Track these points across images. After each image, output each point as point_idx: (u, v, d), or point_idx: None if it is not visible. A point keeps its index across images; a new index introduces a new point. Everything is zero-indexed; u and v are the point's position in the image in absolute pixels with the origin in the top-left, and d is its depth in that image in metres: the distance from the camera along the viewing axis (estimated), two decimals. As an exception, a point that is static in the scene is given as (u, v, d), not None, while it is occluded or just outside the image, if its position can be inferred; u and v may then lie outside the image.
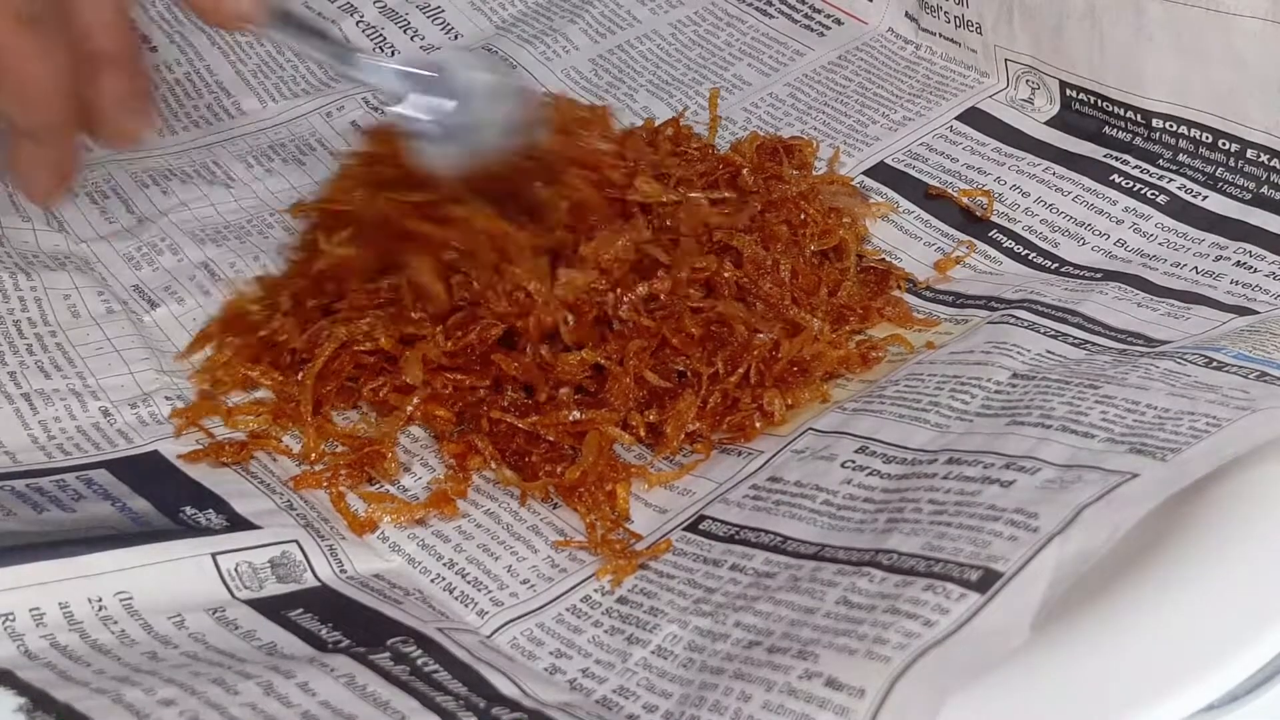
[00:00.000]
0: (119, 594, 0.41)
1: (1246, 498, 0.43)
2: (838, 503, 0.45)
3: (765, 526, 0.45)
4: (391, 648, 0.40)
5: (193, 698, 0.36)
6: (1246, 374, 0.45)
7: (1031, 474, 0.41)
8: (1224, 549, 0.41)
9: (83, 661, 0.38)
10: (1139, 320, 0.52)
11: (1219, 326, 0.51)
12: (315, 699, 0.37)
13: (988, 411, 0.46)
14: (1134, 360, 0.47)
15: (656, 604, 0.43)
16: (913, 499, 0.43)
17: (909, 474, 0.45)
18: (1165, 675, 0.38)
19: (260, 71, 0.71)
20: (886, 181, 0.63)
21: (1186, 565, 0.41)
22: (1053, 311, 0.53)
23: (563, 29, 0.73)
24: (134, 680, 0.36)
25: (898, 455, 0.46)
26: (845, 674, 0.37)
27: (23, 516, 0.43)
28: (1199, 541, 0.42)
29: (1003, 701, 0.38)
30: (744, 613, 0.41)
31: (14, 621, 0.39)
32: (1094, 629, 0.40)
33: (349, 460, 0.49)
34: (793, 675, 0.37)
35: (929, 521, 0.41)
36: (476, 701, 0.38)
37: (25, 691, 0.35)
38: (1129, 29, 0.60)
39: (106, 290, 0.56)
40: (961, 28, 0.68)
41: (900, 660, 0.36)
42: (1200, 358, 0.47)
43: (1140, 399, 0.44)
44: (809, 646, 0.38)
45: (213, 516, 0.45)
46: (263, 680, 0.37)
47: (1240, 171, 0.59)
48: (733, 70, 0.70)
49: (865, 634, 0.38)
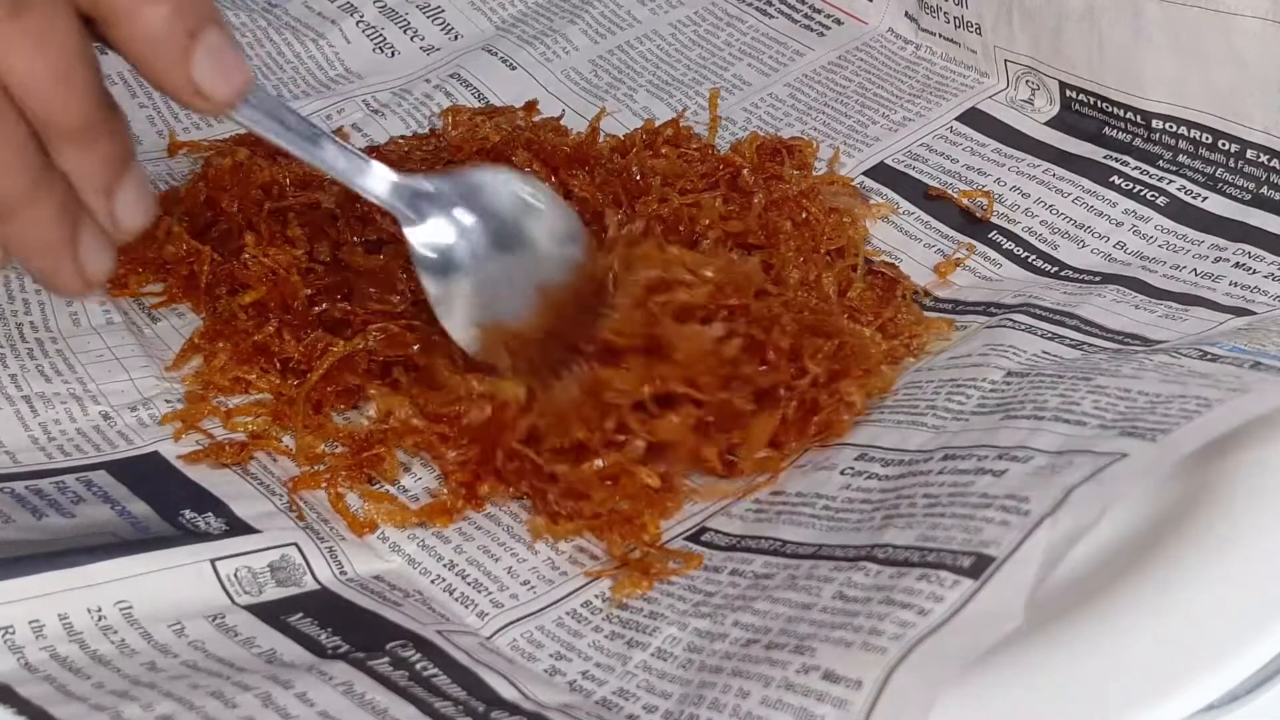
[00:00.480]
0: (119, 603, 0.41)
1: (1246, 497, 0.43)
2: (836, 506, 0.45)
3: (765, 534, 0.45)
4: (390, 652, 0.40)
5: (190, 713, 0.36)
6: (1241, 363, 0.45)
7: (1024, 462, 0.41)
8: (1224, 549, 0.41)
9: (83, 674, 0.38)
10: (1136, 322, 0.52)
11: (1216, 327, 0.51)
12: (314, 709, 0.37)
13: (983, 410, 0.47)
14: (1129, 355, 0.48)
15: (656, 609, 0.44)
16: (908, 495, 0.43)
17: (905, 473, 0.45)
18: (1165, 675, 0.38)
19: (262, 72, 0.71)
20: (886, 182, 0.63)
21: (1186, 565, 0.41)
22: (1050, 315, 0.53)
23: (562, 29, 0.73)
24: (133, 695, 0.36)
25: (895, 458, 0.46)
26: (842, 666, 0.37)
27: (21, 523, 0.43)
28: (1199, 542, 0.42)
29: (1003, 701, 0.38)
30: (742, 612, 0.41)
31: (14, 635, 0.39)
32: (1094, 629, 0.40)
33: (348, 462, 0.49)
34: (790, 670, 0.38)
35: (923, 514, 0.41)
36: (475, 705, 0.38)
37: (24, 709, 0.35)
38: (1127, 30, 0.60)
39: (108, 299, 0.56)
40: (961, 28, 0.68)
41: (896, 651, 0.36)
42: (1195, 351, 0.47)
43: (1132, 387, 0.44)
44: (806, 641, 0.38)
45: (212, 520, 0.45)
46: (261, 692, 0.37)
47: (1240, 172, 0.58)
48: (732, 70, 0.70)
49: (861, 626, 0.38)
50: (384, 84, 0.70)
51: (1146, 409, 0.42)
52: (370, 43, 0.73)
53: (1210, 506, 0.43)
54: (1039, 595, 0.37)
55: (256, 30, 0.73)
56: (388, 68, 0.72)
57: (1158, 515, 0.44)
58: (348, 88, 0.70)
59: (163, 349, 0.55)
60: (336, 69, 0.72)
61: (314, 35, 0.73)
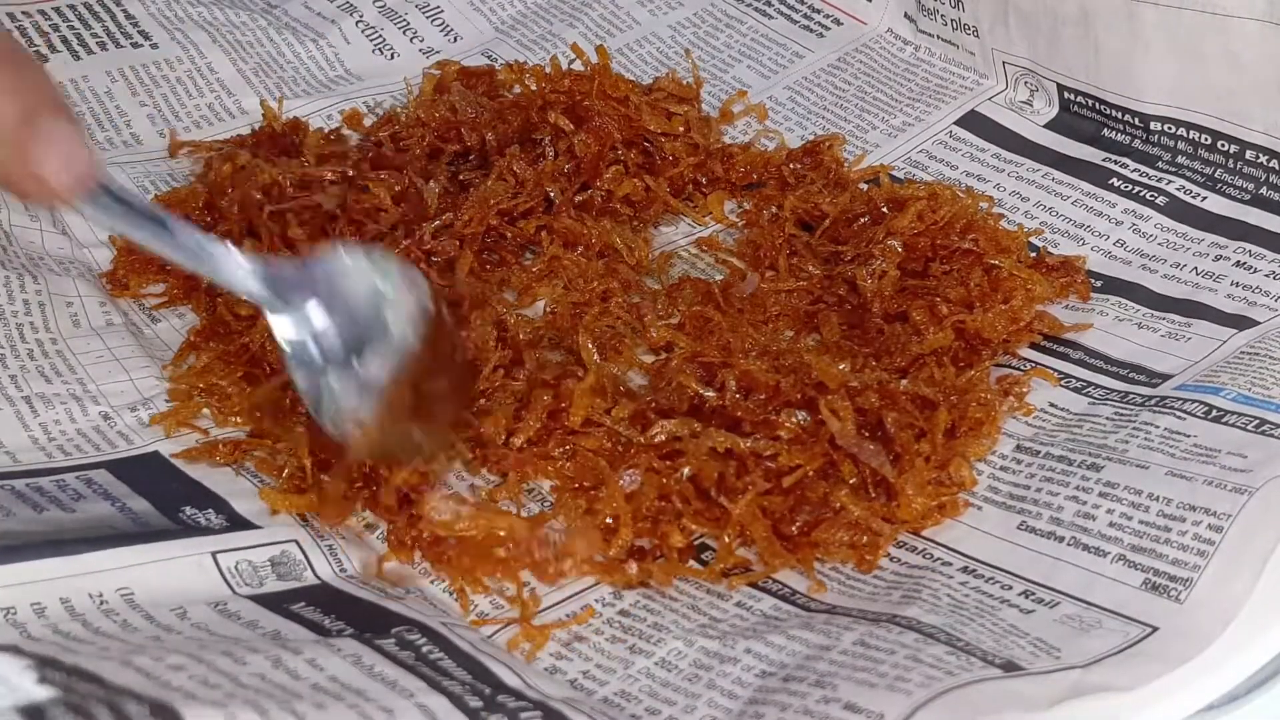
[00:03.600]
0: (120, 590, 0.41)
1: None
2: (848, 572, 0.45)
3: (776, 578, 0.45)
4: (397, 635, 0.40)
5: (201, 665, 0.35)
6: (1245, 424, 0.45)
7: (1050, 606, 0.42)
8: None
9: (87, 643, 0.38)
10: (1141, 348, 0.52)
11: (1219, 347, 0.51)
12: (324, 673, 0.37)
13: (995, 497, 0.47)
14: (1135, 417, 0.48)
15: (660, 620, 0.44)
16: (929, 586, 0.43)
17: (923, 565, 0.45)
18: (1165, 675, 0.38)
19: (261, 70, 0.70)
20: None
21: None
22: (1054, 345, 0.53)
23: (561, 33, 0.73)
24: (141, 651, 0.36)
25: (909, 542, 0.46)
26: (865, 700, 0.36)
27: (22, 516, 0.43)
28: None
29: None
30: (754, 640, 0.41)
31: (15, 614, 0.39)
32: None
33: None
34: (810, 700, 0.37)
35: (948, 610, 0.41)
36: (481, 688, 0.38)
37: (33, 659, 0.35)
38: (1123, 35, 0.60)
39: (109, 301, 0.56)
40: (959, 30, 0.68)
41: (923, 694, 0.36)
42: (1200, 406, 0.47)
43: (1143, 486, 0.44)
44: (826, 678, 0.38)
45: (212, 516, 0.46)
46: (270, 655, 0.37)
47: (1239, 173, 0.59)
48: (732, 72, 0.70)
49: (886, 672, 0.38)
50: (384, 88, 0.70)
51: (1162, 530, 0.42)
52: (370, 43, 0.73)
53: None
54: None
55: (256, 30, 0.73)
56: (388, 70, 0.72)
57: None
58: (347, 89, 0.70)
59: (163, 349, 0.55)
60: (337, 70, 0.72)
61: (314, 35, 0.73)
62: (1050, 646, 0.39)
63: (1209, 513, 0.42)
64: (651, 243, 0.60)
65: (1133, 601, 0.41)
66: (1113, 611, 0.41)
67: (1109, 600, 0.41)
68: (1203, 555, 0.41)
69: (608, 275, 0.56)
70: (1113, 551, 0.42)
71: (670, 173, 0.61)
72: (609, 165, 0.60)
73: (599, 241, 0.58)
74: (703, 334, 0.53)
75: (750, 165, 0.63)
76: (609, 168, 0.60)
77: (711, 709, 0.39)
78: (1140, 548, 0.42)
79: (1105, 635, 0.39)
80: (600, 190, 0.60)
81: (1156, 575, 0.41)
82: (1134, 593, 0.41)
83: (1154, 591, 0.41)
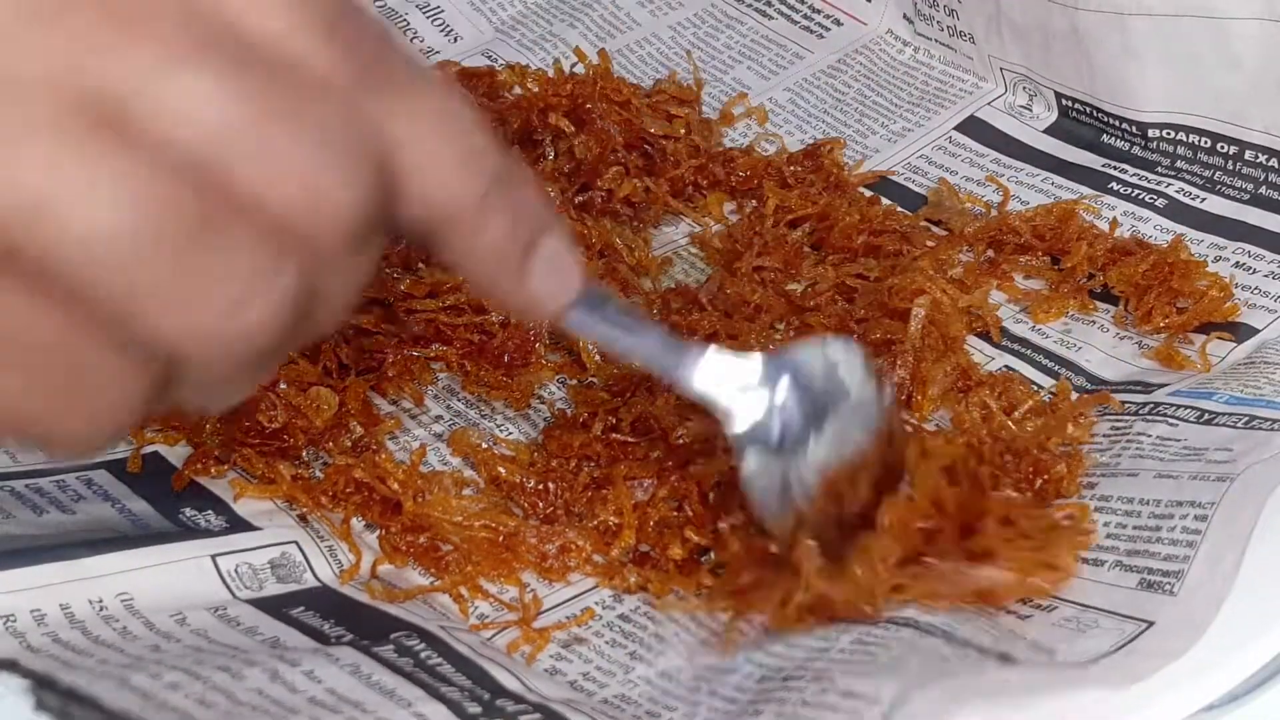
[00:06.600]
0: (120, 595, 0.41)
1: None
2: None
3: None
4: (395, 641, 0.40)
5: (198, 682, 0.36)
6: (1235, 422, 0.45)
7: (1047, 611, 0.42)
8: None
9: (86, 654, 0.38)
10: (1139, 369, 0.52)
11: (1219, 363, 0.51)
12: (321, 685, 0.37)
13: None
14: (1129, 429, 0.48)
15: (661, 631, 0.44)
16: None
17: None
18: (1165, 675, 0.38)
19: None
20: (886, 195, 0.62)
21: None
22: (1053, 362, 0.53)
23: (562, 34, 0.73)
24: (139, 667, 0.36)
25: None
26: (860, 686, 0.37)
27: (22, 519, 0.43)
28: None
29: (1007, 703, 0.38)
30: (754, 651, 0.41)
31: (15, 622, 0.39)
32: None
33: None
34: (807, 693, 0.38)
35: (945, 614, 0.41)
36: (481, 694, 0.38)
37: (31, 677, 0.35)
38: (1114, 47, 0.60)
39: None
40: (955, 36, 0.67)
41: (918, 679, 0.36)
42: (1192, 411, 0.47)
43: (1134, 493, 0.44)
44: (824, 673, 0.38)
45: (212, 518, 0.46)
46: (268, 667, 0.37)
47: (1238, 174, 0.59)
48: (732, 74, 0.70)
49: (883, 662, 0.38)
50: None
51: (1152, 530, 0.42)
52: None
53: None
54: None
55: (257, 32, 0.73)
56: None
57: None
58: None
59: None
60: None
61: (314, 36, 0.73)
62: (1046, 650, 0.39)
63: (1194, 505, 0.42)
64: (651, 243, 0.60)
65: (1128, 601, 0.41)
66: (1109, 611, 0.41)
67: (1105, 602, 0.41)
68: (1191, 546, 0.41)
69: (607, 275, 0.56)
70: (1109, 560, 0.42)
71: (671, 174, 0.62)
72: (609, 167, 0.61)
73: (599, 242, 0.58)
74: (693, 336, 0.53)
75: (751, 169, 0.63)
76: (609, 169, 0.60)
77: (711, 713, 0.39)
78: (1135, 550, 0.42)
79: (1102, 635, 0.39)
80: (600, 191, 0.60)
81: (1150, 574, 0.41)
82: (1129, 593, 0.41)
83: (1149, 589, 0.41)
